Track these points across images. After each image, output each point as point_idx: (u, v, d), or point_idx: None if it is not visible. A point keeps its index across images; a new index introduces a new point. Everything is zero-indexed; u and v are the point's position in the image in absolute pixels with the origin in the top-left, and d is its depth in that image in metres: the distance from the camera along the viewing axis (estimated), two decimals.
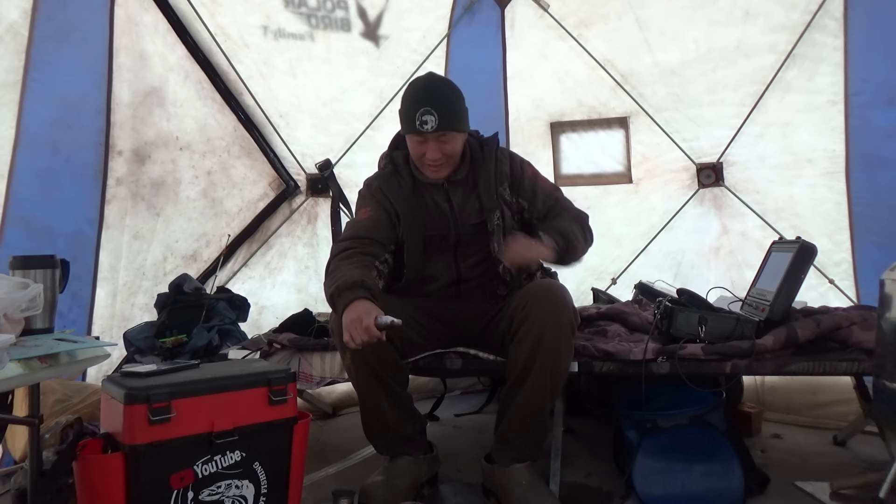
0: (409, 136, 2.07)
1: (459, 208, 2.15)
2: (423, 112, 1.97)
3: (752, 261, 3.10)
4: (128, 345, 2.71)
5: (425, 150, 2.03)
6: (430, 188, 2.16)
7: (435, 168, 2.08)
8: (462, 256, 2.16)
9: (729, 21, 3.19)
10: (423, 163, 2.08)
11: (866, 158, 3.00)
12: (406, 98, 2.07)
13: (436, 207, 2.15)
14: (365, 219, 2.12)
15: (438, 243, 2.14)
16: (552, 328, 1.87)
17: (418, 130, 1.99)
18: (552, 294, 1.93)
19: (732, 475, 1.93)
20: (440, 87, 2.09)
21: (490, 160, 2.16)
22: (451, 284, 2.17)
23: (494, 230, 2.12)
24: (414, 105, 2.01)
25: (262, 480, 1.65)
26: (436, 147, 2.02)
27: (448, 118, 2.00)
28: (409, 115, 2.01)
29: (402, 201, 2.12)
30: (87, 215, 2.90)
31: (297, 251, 3.59)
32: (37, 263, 1.77)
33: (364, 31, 3.43)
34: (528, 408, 1.92)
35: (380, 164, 2.27)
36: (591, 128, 3.64)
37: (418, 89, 2.06)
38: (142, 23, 3.00)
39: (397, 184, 2.15)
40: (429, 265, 2.15)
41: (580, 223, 2.16)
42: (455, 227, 2.14)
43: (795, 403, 2.80)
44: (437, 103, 1.99)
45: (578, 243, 2.07)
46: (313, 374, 2.43)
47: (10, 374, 1.36)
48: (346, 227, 2.23)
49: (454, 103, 2.05)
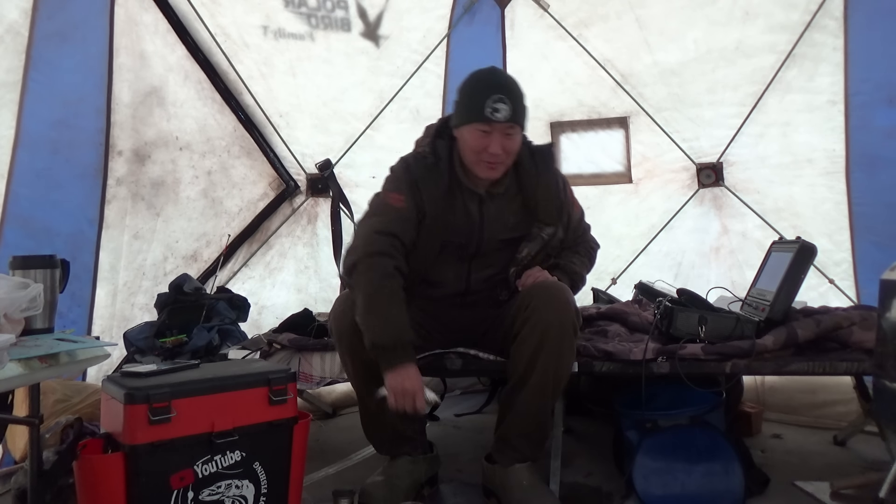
0: (472, 127, 1.90)
1: (490, 221, 2.04)
2: (497, 99, 1.84)
3: (752, 261, 3.10)
4: (128, 345, 2.71)
5: (488, 144, 1.89)
6: (466, 193, 2.02)
7: (492, 166, 1.93)
8: (476, 268, 2.08)
9: (729, 21, 3.19)
10: (479, 158, 1.92)
11: (866, 158, 3.01)
12: (471, 85, 1.94)
13: (465, 215, 2.03)
14: (399, 208, 1.96)
15: (454, 251, 2.05)
16: (555, 329, 1.85)
17: (487, 118, 1.85)
18: (556, 295, 1.91)
19: (732, 475, 1.92)
20: (510, 78, 1.97)
21: (547, 173, 2.06)
22: (458, 295, 2.11)
23: (536, 239, 2.05)
24: (484, 91, 1.87)
25: (262, 480, 1.65)
26: (500, 141, 1.88)
27: (519, 110, 1.91)
28: (478, 101, 1.86)
29: (433, 201, 1.98)
30: (87, 215, 2.90)
31: (297, 251, 3.60)
32: (37, 263, 1.76)
33: (364, 31, 3.43)
34: (530, 408, 1.91)
35: (419, 144, 2.09)
36: (591, 128, 3.64)
37: (488, 76, 1.95)
38: (142, 23, 3.00)
39: (435, 180, 1.99)
40: (438, 270, 2.07)
41: (589, 257, 2.24)
42: (478, 240, 2.04)
43: (795, 403, 2.80)
44: (511, 92, 1.88)
45: (581, 284, 2.15)
46: (313, 374, 2.43)
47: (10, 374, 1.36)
48: (377, 207, 2.02)
49: (523, 96, 1.94)
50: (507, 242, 2.07)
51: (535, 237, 2.06)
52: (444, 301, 2.12)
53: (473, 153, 1.93)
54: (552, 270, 2.09)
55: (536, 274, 2.04)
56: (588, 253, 2.26)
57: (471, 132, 1.91)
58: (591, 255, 2.27)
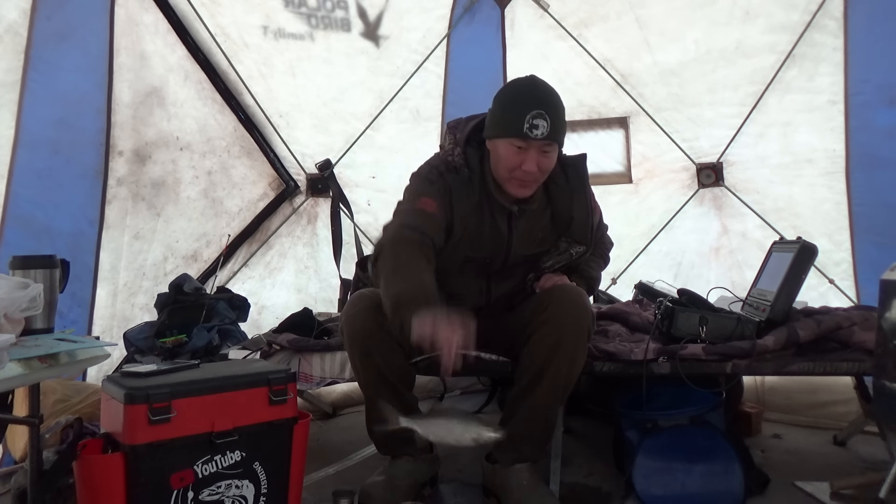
0: (507, 142, 1.82)
1: (520, 238, 1.98)
2: (536, 115, 1.76)
3: (752, 261, 3.11)
4: (128, 345, 2.71)
5: (523, 161, 1.80)
6: (496, 207, 1.94)
7: (524, 184, 1.86)
8: (496, 283, 2.06)
9: (729, 21, 3.19)
10: (511, 176, 1.84)
11: (866, 158, 3.00)
12: (509, 97, 1.85)
13: (493, 231, 1.95)
14: (431, 213, 1.86)
15: (478, 266, 2.01)
16: (571, 333, 1.84)
17: (525, 135, 1.76)
18: (573, 299, 1.89)
19: (732, 475, 1.92)
20: (550, 91, 1.85)
21: (582, 191, 2.00)
22: (475, 309, 2.02)
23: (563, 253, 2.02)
24: (524, 106, 1.78)
25: (262, 480, 1.65)
26: (536, 159, 1.80)
27: (558, 127, 1.81)
28: (516, 116, 1.78)
29: (463, 216, 1.90)
30: (88, 215, 2.90)
31: (297, 251, 3.59)
32: (37, 263, 1.76)
33: (364, 31, 3.43)
34: (540, 410, 1.90)
35: (445, 150, 2.00)
36: (591, 128, 3.64)
37: (527, 88, 1.84)
38: (142, 23, 3.00)
39: (468, 194, 1.91)
40: (457, 284, 2.02)
41: (604, 259, 2.27)
42: (504, 256, 1.99)
43: (795, 403, 2.80)
44: (550, 108, 1.79)
45: (596, 287, 2.19)
46: (313, 375, 2.43)
47: (10, 374, 1.36)
48: (407, 209, 1.91)
49: (563, 112, 1.84)
50: (531, 257, 2.05)
51: (563, 252, 2.04)
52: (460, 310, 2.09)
53: (506, 170, 1.85)
54: (569, 274, 2.10)
55: (555, 278, 2.04)
56: (603, 254, 2.29)
57: (505, 147, 1.83)
58: (606, 255, 2.30)
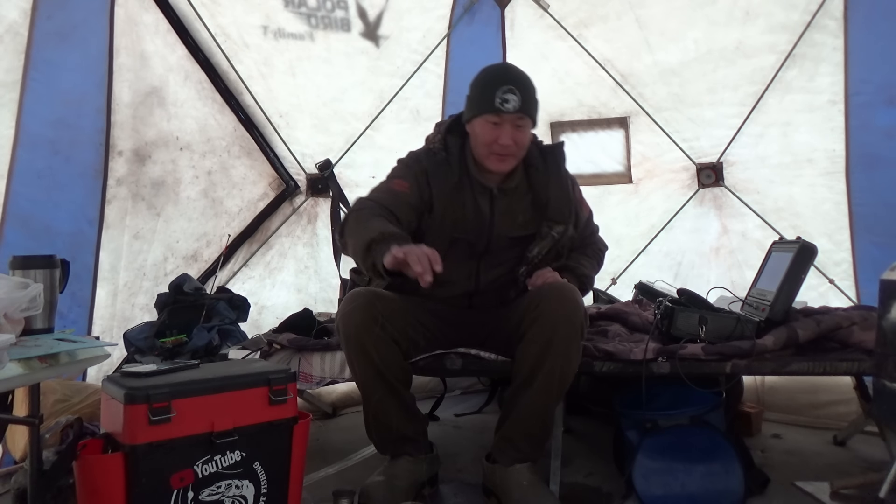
0: (483, 119, 1.94)
1: (500, 218, 2.05)
2: (506, 90, 1.89)
3: (752, 261, 3.11)
4: (128, 345, 2.71)
5: (499, 135, 1.92)
6: (477, 188, 2.04)
7: (502, 158, 1.96)
8: (485, 268, 2.09)
9: (729, 21, 3.19)
10: (489, 151, 1.95)
11: (866, 158, 3.00)
12: (482, 79, 1.99)
13: (475, 210, 2.04)
14: (400, 192, 1.98)
15: (464, 248, 2.05)
16: (563, 330, 1.85)
17: (497, 109, 1.89)
18: (565, 296, 1.91)
19: (732, 475, 1.92)
20: (521, 72, 2.00)
21: (558, 172, 2.10)
22: (466, 295, 2.11)
23: (546, 237, 2.06)
24: (494, 83, 1.91)
25: (262, 480, 1.65)
26: (510, 132, 1.92)
27: (529, 101, 1.94)
28: (488, 93, 1.90)
29: (442, 194, 2.00)
30: (87, 215, 2.90)
31: (297, 251, 3.59)
32: (37, 263, 1.76)
33: (364, 31, 3.43)
34: (535, 408, 1.91)
35: (430, 140, 2.13)
36: (591, 128, 3.64)
37: (498, 70, 2.01)
38: (142, 23, 3.00)
39: (445, 174, 2.02)
40: (447, 269, 2.01)
41: (597, 259, 2.27)
42: (488, 236, 2.05)
43: (795, 403, 2.80)
44: (520, 84, 1.93)
45: (589, 287, 2.18)
46: (313, 374, 2.43)
47: (10, 374, 1.36)
48: (376, 188, 2.06)
49: (534, 90, 1.98)
50: (516, 241, 2.08)
51: (545, 235, 2.07)
52: (453, 301, 2.12)
53: (484, 146, 1.96)
54: (561, 272, 2.10)
55: (547, 275, 2.05)
56: (596, 255, 2.29)
57: (481, 124, 1.95)
58: (600, 256, 2.30)
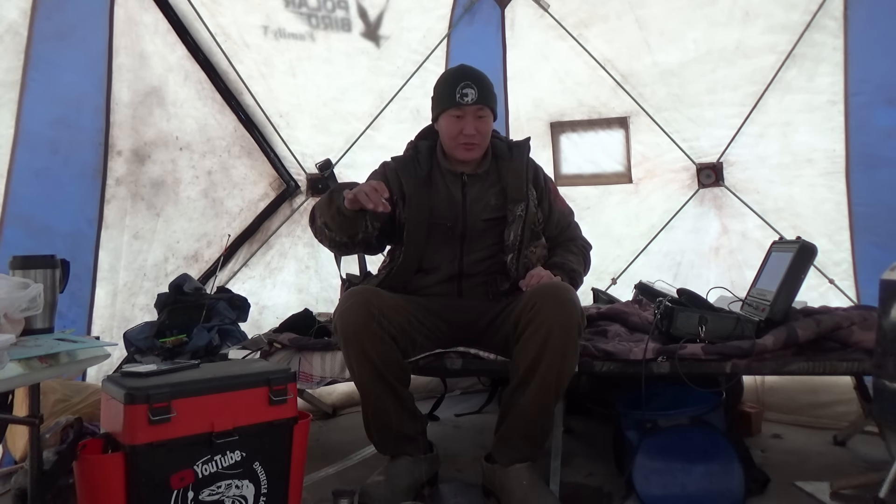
0: (447, 114, 2.13)
1: (473, 202, 2.18)
2: (464, 86, 2.09)
3: (752, 261, 3.10)
4: (128, 345, 2.71)
5: (463, 127, 2.10)
6: (448, 177, 2.20)
7: (469, 147, 2.13)
8: (468, 250, 2.16)
9: (729, 21, 3.19)
10: (457, 142, 2.13)
11: (866, 158, 3.00)
12: (443, 80, 2.20)
13: (448, 196, 2.18)
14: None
15: (444, 233, 2.15)
16: (560, 329, 1.86)
17: (458, 103, 2.08)
18: (560, 295, 1.92)
19: (732, 475, 1.92)
20: (477, 70, 2.20)
21: (520, 160, 2.23)
22: (453, 279, 2.16)
23: (515, 220, 2.15)
24: (454, 81, 2.12)
25: (262, 480, 1.65)
26: (473, 123, 2.10)
27: (487, 94, 2.12)
28: (449, 90, 2.11)
29: (413, 185, 2.15)
30: (87, 215, 2.89)
31: (298, 251, 3.59)
32: (37, 263, 1.76)
33: (364, 31, 3.43)
34: (533, 408, 1.91)
35: (406, 151, 2.32)
36: (591, 128, 3.64)
37: (456, 70, 2.21)
38: (142, 22, 3.00)
39: (413, 168, 2.19)
40: (431, 255, 2.16)
41: (584, 257, 2.31)
42: (463, 219, 2.16)
43: (795, 403, 2.80)
44: (477, 80, 2.13)
45: (579, 282, 2.23)
46: (313, 374, 2.43)
47: (11, 374, 1.36)
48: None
49: (491, 85, 2.17)
50: (491, 223, 2.16)
51: (514, 218, 2.15)
52: (441, 288, 2.15)
53: (451, 138, 2.14)
54: (550, 268, 2.13)
55: (541, 274, 2.06)
56: (582, 252, 2.32)
57: (446, 119, 2.14)
58: (586, 254, 2.33)
